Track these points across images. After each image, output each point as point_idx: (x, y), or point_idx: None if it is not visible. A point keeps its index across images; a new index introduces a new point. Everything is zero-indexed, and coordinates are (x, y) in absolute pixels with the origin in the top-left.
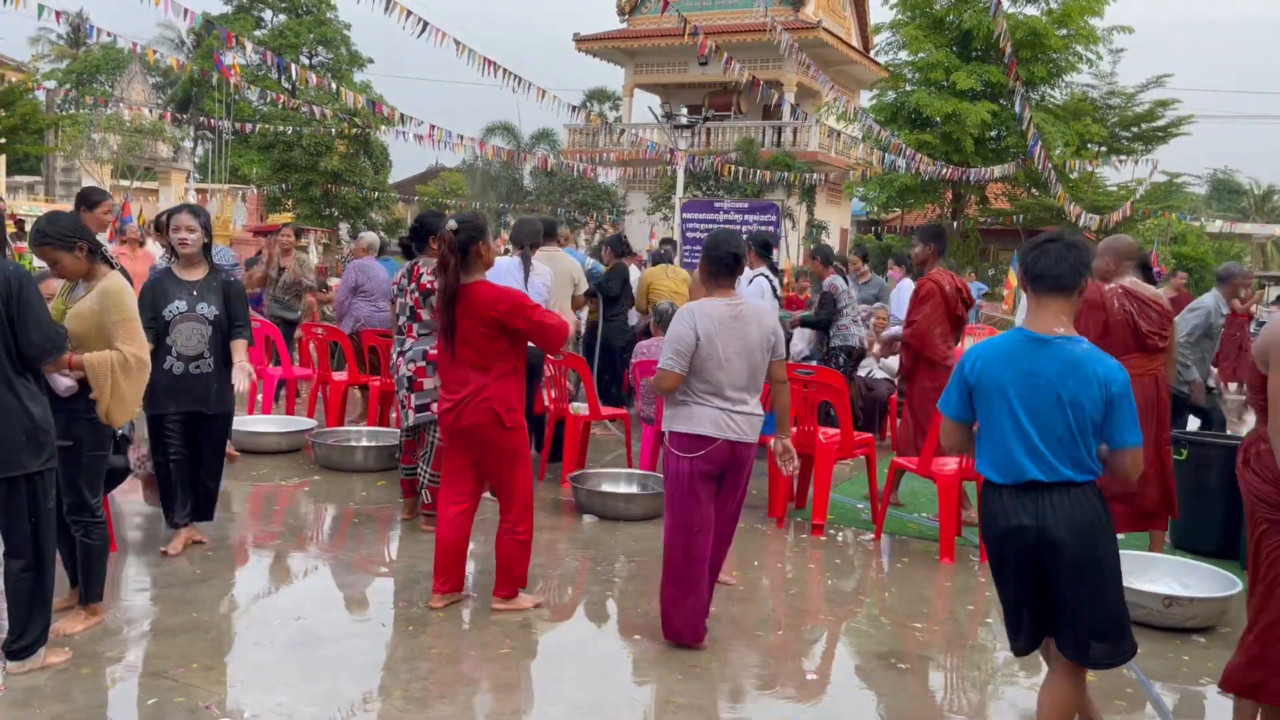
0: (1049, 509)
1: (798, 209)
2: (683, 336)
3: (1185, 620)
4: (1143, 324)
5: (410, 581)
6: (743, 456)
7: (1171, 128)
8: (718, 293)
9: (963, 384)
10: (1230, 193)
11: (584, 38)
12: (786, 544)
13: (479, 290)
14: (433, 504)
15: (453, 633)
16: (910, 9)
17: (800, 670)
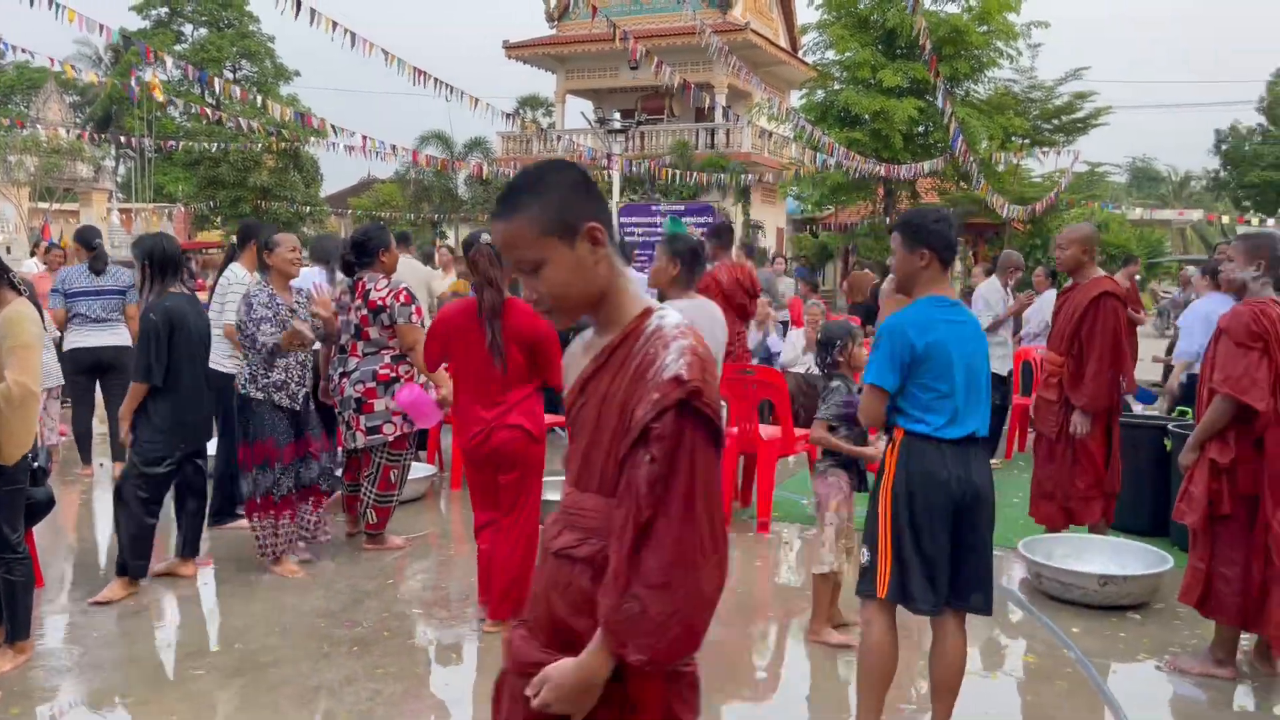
0: (975, 461)
1: (734, 210)
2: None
3: (1120, 598)
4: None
5: (353, 601)
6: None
7: (1090, 119)
8: (679, 292)
9: (906, 354)
10: (1149, 180)
11: (513, 45)
12: (732, 542)
13: (514, 307)
14: (377, 524)
15: (400, 650)
16: (835, 9)
17: (751, 667)
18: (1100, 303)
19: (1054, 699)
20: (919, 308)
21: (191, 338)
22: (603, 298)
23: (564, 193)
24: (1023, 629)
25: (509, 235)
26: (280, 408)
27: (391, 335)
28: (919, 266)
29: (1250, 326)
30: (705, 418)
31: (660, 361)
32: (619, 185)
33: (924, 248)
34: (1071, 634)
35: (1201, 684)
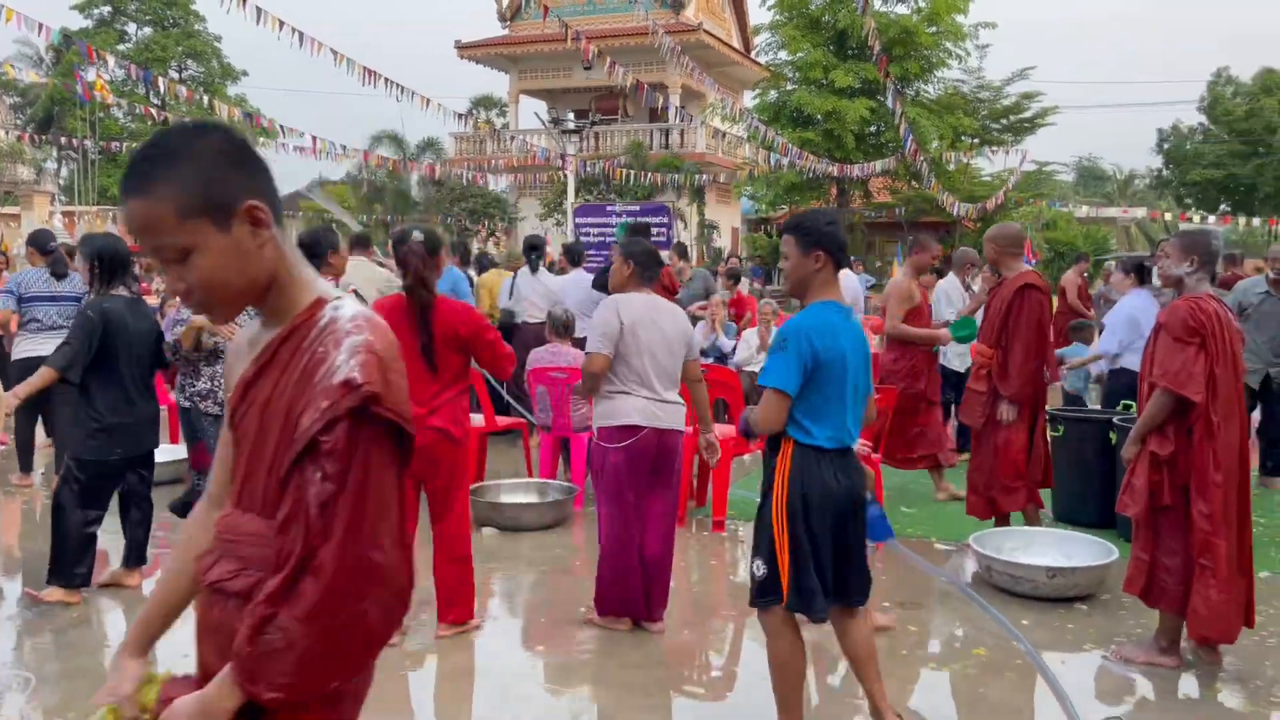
0: (855, 468)
1: (688, 210)
2: (608, 321)
3: (1068, 590)
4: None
5: None
6: (671, 444)
7: (1038, 119)
8: (637, 289)
9: (810, 359)
10: (1095, 179)
11: (466, 45)
12: (688, 541)
13: (440, 306)
14: None
15: None
16: (787, 9)
17: (707, 666)
18: (1023, 295)
19: (1004, 690)
20: (820, 313)
21: (130, 340)
22: (269, 287)
23: (210, 164)
24: (973, 622)
25: (142, 218)
26: (211, 415)
27: None
28: (814, 269)
29: (1187, 322)
30: (385, 426)
31: (330, 362)
32: (574, 186)
33: (819, 249)
34: (1021, 626)
35: (1147, 673)
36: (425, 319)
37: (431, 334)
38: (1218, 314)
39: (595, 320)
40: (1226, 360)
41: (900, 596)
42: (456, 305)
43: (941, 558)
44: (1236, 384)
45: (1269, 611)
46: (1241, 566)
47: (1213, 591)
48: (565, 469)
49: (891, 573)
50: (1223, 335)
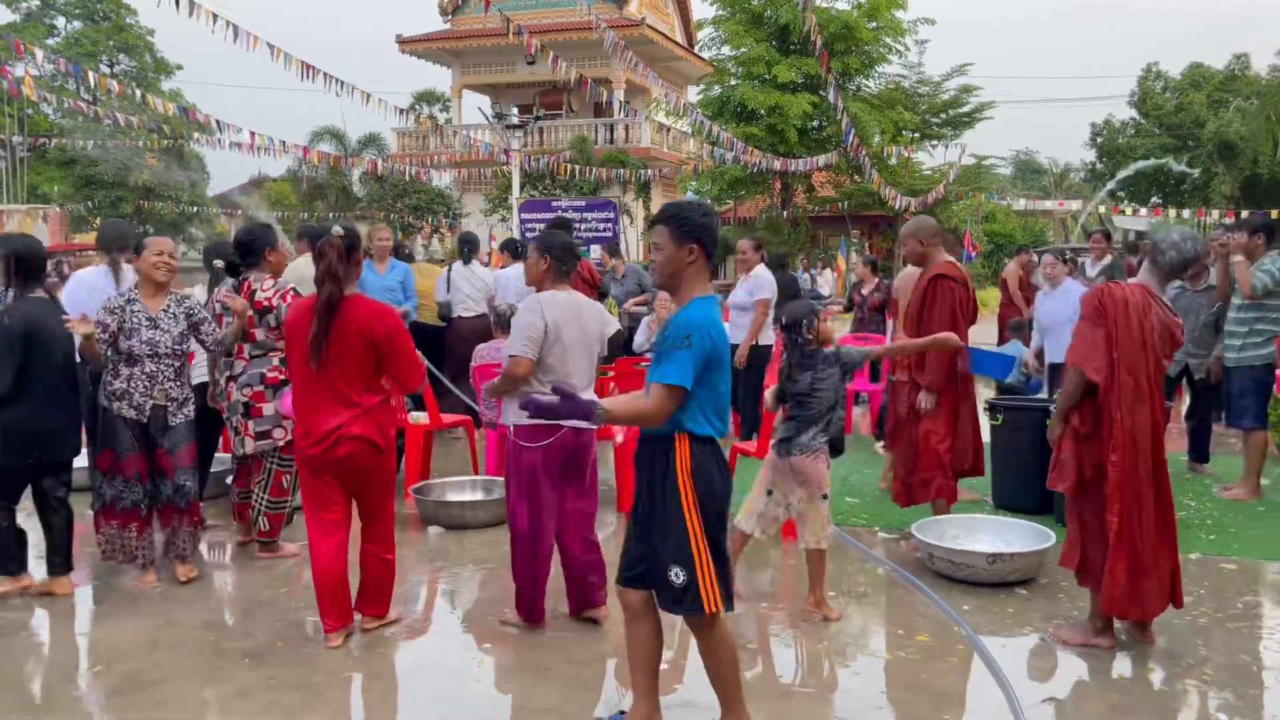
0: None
1: (635, 205)
2: (533, 324)
3: (1008, 575)
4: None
5: (245, 612)
6: (586, 443)
7: (976, 113)
8: (559, 287)
9: (707, 354)
10: (1032, 172)
11: (407, 39)
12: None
13: (357, 305)
14: (270, 532)
15: (294, 660)
16: (729, 5)
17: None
18: (935, 285)
19: (947, 675)
20: (709, 307)
21: (51, 344)
22: None
23: None
24: (916, 609)
25: None
26: (124, 418)
27: (279, 337)
28: (687, 262)
29: (1094, 304)
30: None
31: None
32: (519, 181)
33: (693, 242)
34: (962, 611)
35: (1084, 654)
36: (328, 315)
37: (327, 329)
38: (1128, 300)
39: (518, 322)
40: (1131, 344)
41: (845, 585)
42: (375, 306)
43: (885, 546)
44: (1145, 368)
45: (1199, 592)
46: (1158, 546)
47: (1118, 568)
48: None
49: (836, 562)
50: (1128, 321)
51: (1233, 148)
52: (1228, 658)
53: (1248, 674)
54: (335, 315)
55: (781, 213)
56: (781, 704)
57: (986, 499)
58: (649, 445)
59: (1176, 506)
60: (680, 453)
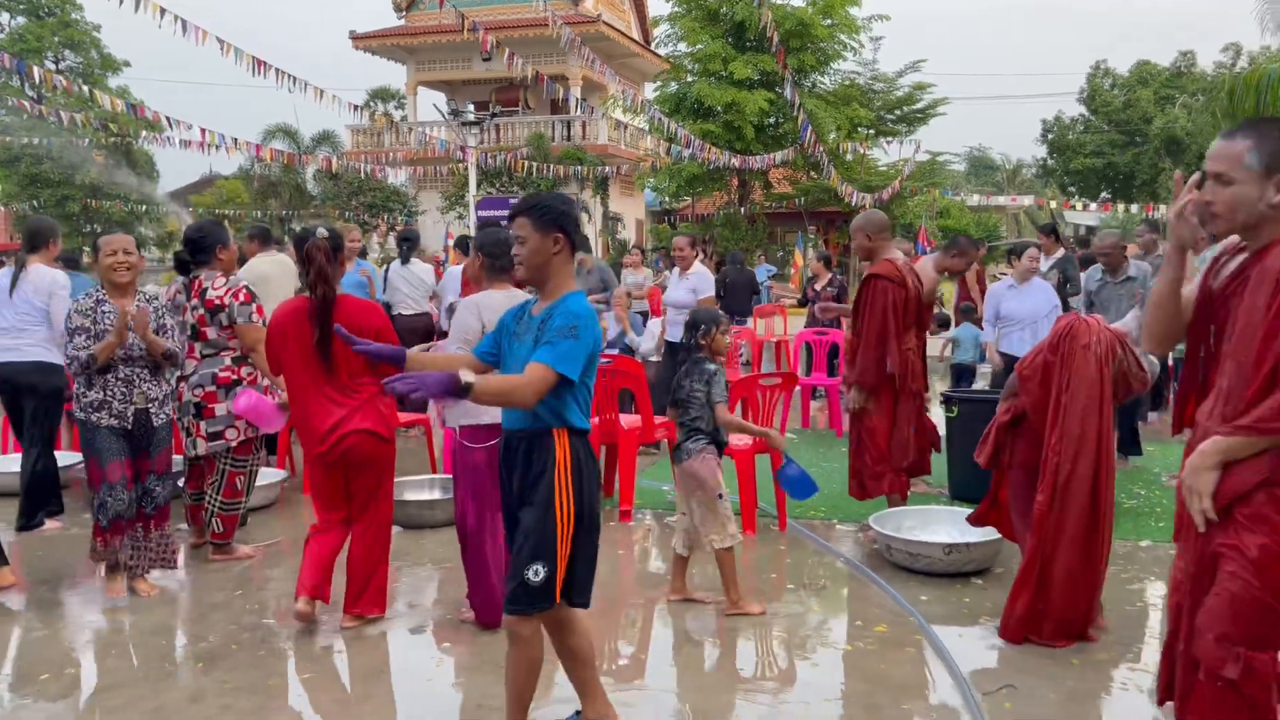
0: None
1: (593, 202)
2: (469, 326)
3: (964, 565)
4: (925, 298)
5: (199, 615)
6: None
7: (929, 110)
8: (496, 286)
9: (590, 349)
10: (986, 168)
11: (361, 35)
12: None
13: (345, 304)
14: (224, 534)
15: (251, 663)
16: (685, 2)
17: (615, 654)
18: (869, 285)
19: (904, 665)
20: (585, 300)
21: None
22: None
23: None
24: (874, 600)
25: None
26: (105, 428)
27: (231, 336)
28: (552, 252)
29: (1053, 340)
30: None
31: None
32: (475, 178)
33: (557, 231)
34: (920, 602)
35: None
36: (325, 315)
37: (329, 331)
38: (1087, 345)
39: (456, 323)
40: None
41: (804, 578)
42: (363, 303)
43: (842, 538)
44: (1097, 420)
45: (1148, 578)
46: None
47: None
48: None
49: (794, 554)
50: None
51: (1179, 143)
52: None
53: None
54: (330, 317)
55: (739, 209)
56: (741, 697)
57: (943, 490)
58: (525, 440)
59: (1126, 495)
60: (561, 448)
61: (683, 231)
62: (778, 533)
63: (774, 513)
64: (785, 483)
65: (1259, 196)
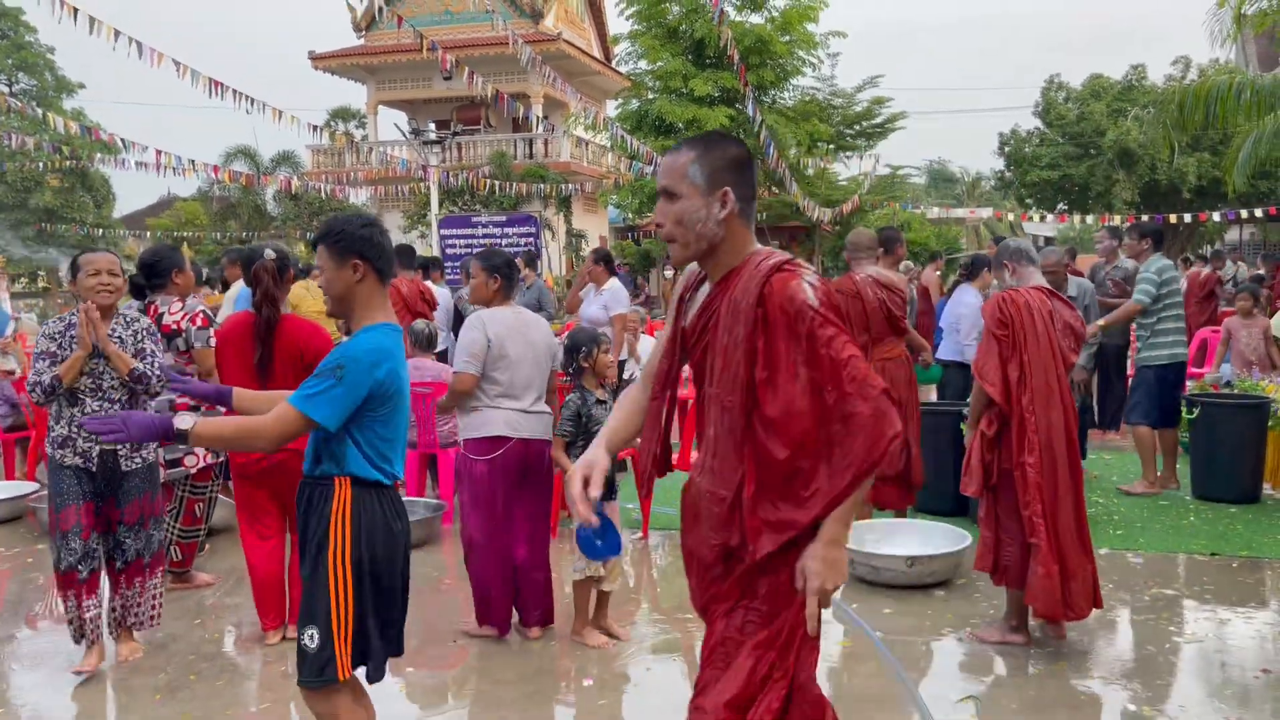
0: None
1: (556, 219)
2: (475, 340)
3: (926, 577)
4: (894, 309)
5: (158, 646)
6: (538, 452)
7: (888, 124)
8: (501, 302)
9: (369, 392)
10: (945, 181)
11: (320, 55)
12: (560, 554)
13: (290, 324)
14: (183, 562)
15: (207, 694)
16: (645, 20)
17: (580, 673)
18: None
19: (867, 678)
20: (381, 338)
21: None
22: None
23: None
24: (838, 614)
25: None
26: (68, 467)
27: (188, 361)
28: (354, 281)
29: (996, 314)
30: None
31: None
32: (437, 197)
33: (355, 258)
34: (883, 614)
35: (999, 652)
36: (268, 335)
37: (271, 349)
38: (1028, 304)
39: (463, 338)
40: (1040, 347)
41: None
42: (306, 324)
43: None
44: (1055, 368)
45: (1108, 586)
46: (1078, 544)
47: (1040, 568)
48: (432, 485)
49: None
50: (1033, 324)
51: (1132, 155)
52: (1136, 650)
53: (1154, 665)
54: (273, 336)
55: None
56: None
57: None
58: (307, 486)
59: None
60: (340, 498)
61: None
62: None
63: None
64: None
65: (706, 213)
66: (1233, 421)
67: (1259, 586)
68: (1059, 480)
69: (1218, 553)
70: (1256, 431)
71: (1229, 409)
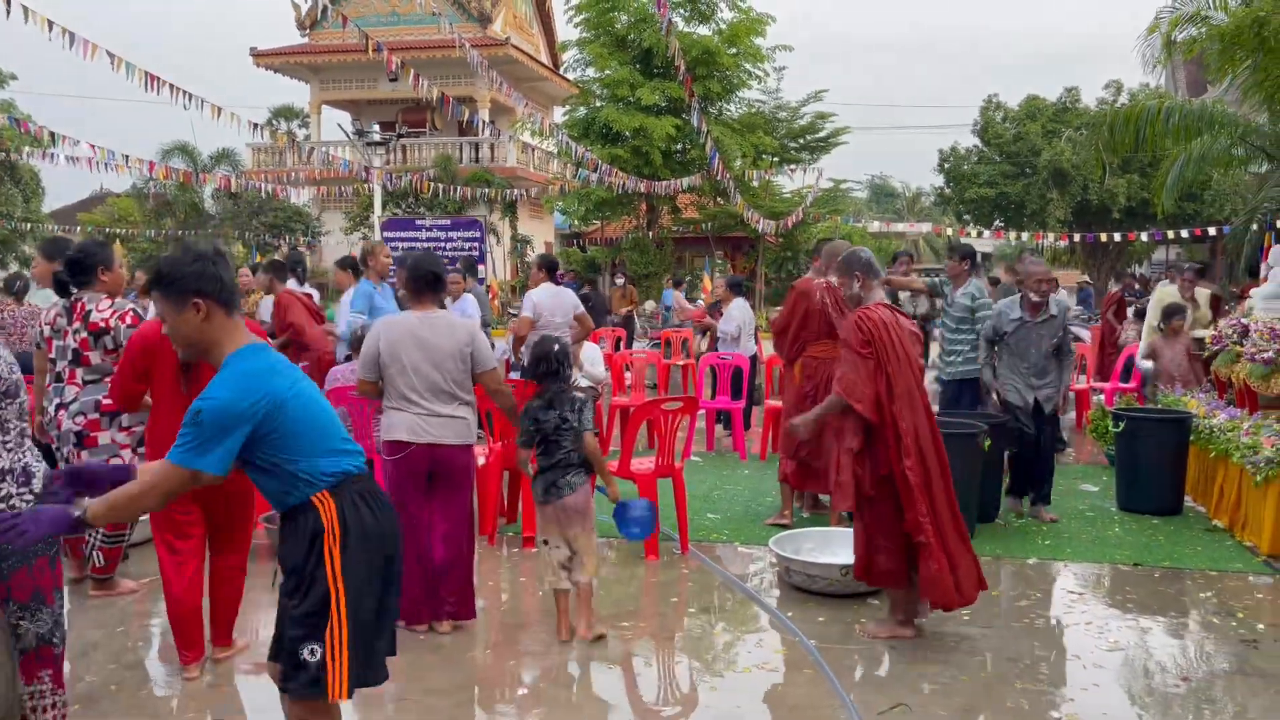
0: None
1: (501, 224)
2: (366, 351)
3: (860, 586)
4: (835, 315)
5: (78, 654)
6: (448, 458)
7: (831, 138)
8: (417, 307)
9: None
10: (886, 196)
11: (262, 53)
12: (498, 560)
13: None
14: (106, 568)
15: (129, 707)
16: (594, 28)
17: (516, 682)
18: (788, 292)
19: (802, 686)
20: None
21: None
22: None
23: None
24: (775, 623)
25: None
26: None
27: (116, 360)
28: (199, 321)
29: (858, 334)
30: None
31: None
32: (381, 199)
33: (194, 297)
34: (818, 622)
35: (930, 660)
36: None
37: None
38: (884, 320)
39: (363, 347)
40: (899, 358)
41: (705, 601)
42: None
43: (743, 560)
44: (913, 375)
45: (1035, 595)
46: (957, 536)
47: (932, 564)
48: None
49: (697, 579)
50: (891, 338)
51: (1065, 175)
52: (1062, 659)
53: (1080, 674)
54: None
55: (647, 234)
56: None
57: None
58: (289, 520)
59: (1014, 516)
60: (326, 515)
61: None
62: (680, 556)
63: (676, 536)
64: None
65: None
66: (1156, 436)
67: (1180, 596)
68: (933, 479)
69: (1141, 563)
70: (1178, 446)
71: (1152, 423)
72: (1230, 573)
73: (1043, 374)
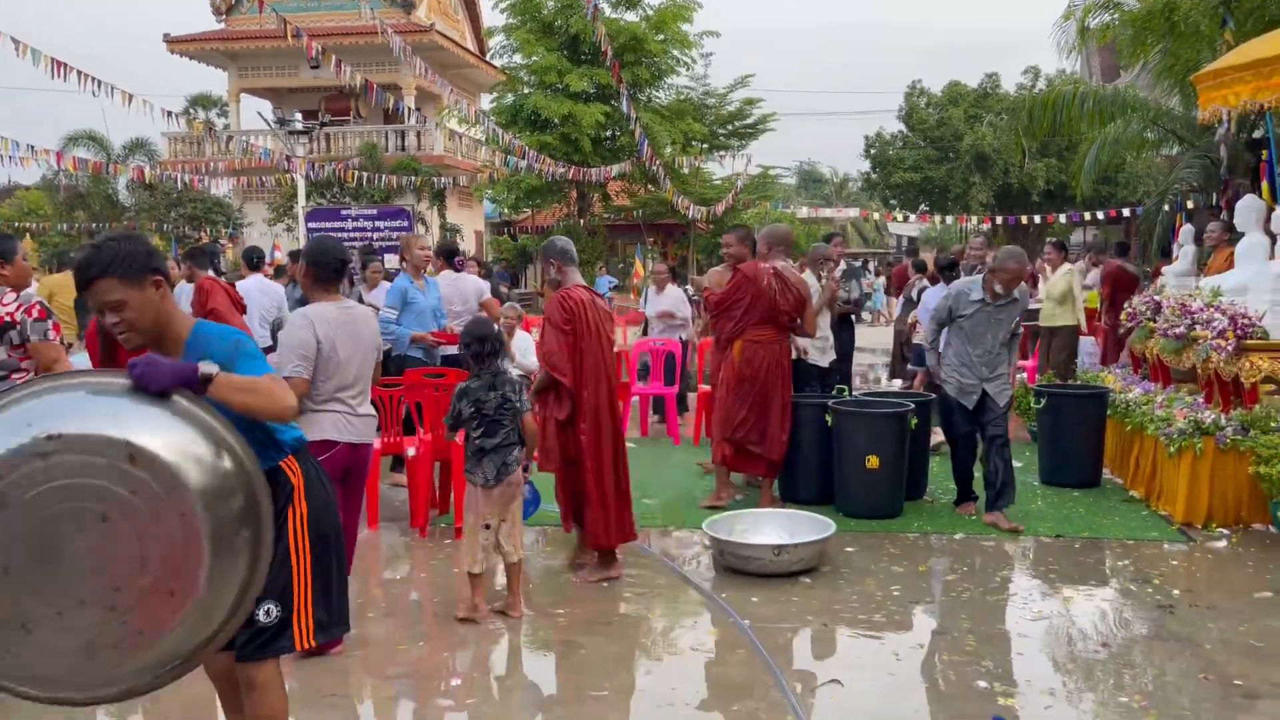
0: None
1: (429, 214)
2: (305, 341)
3: (793, 565)
4: (781, 302)
5: None
6: (363, 458)
7: (759, 125)
8: (325, 297)
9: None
10: (815, 182)
11: (176, 38)
12: (430, 551)
13: None
14: None
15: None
16: (520, 14)
17: (449, 671)
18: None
19: (737, 666)
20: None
21: None
22: None
23: None
24: (708, 605)
25: None
26: None
27: (23, 356)
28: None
29: (560, 312)
30: None
31: None
32: (304, 189)
33: (151, 274)
34: (751, 603)
35: (863, 636)
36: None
37: (111, 352)
38: (582, 301)
39: (290, 340)
40: (592, 336)
41: (640, 586)
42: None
43: (679, 544)
44: (603, 351)
45: (963, 569)
46: (617, 495)
47: (592, 512)
48: None
49: (632, 564)
50: (586, 316)
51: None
52: (988, 628)
53: (1005, 643)
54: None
55: (578, 221)
56: (576, 709)
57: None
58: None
59: (943, 491)
60: (294, 477)
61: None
62: None
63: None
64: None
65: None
66: (1076, 411)
67: (1099, 566)
68: (602, 443)
69: (1062, 534)
70: (1097, 420)
71: (1072, 399)
72: (1147, 541)
73: (994, 364)
